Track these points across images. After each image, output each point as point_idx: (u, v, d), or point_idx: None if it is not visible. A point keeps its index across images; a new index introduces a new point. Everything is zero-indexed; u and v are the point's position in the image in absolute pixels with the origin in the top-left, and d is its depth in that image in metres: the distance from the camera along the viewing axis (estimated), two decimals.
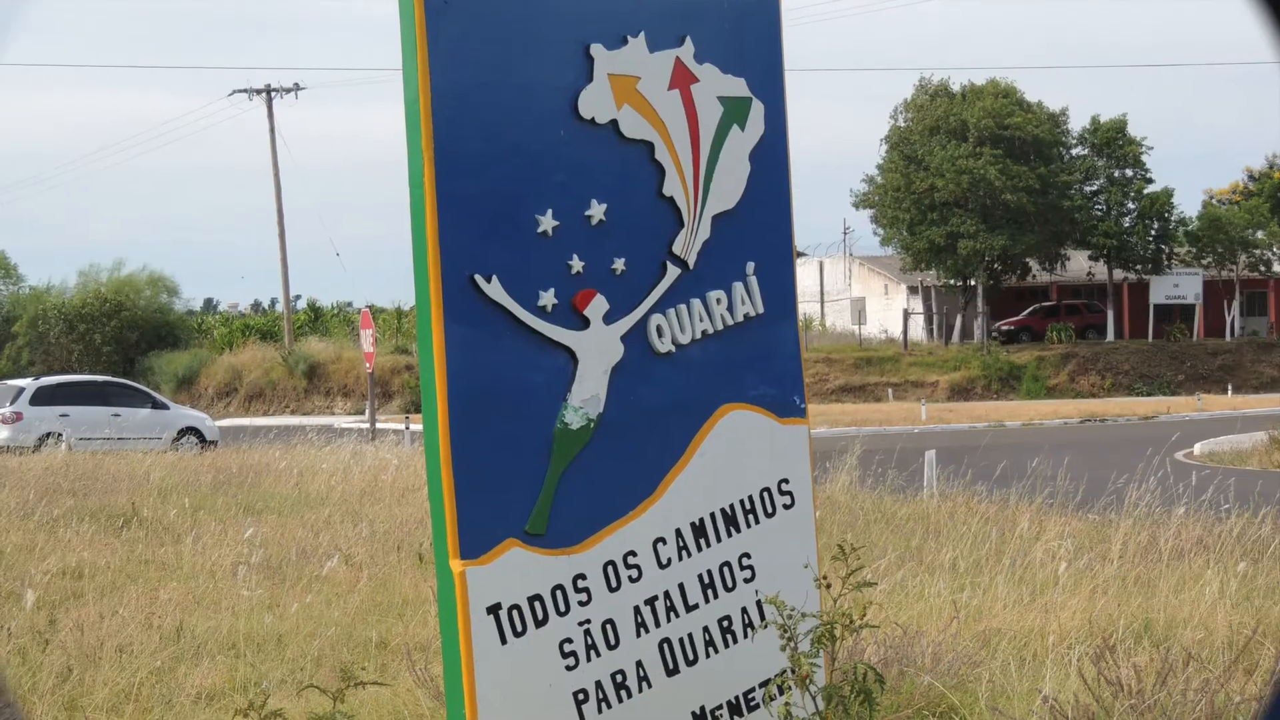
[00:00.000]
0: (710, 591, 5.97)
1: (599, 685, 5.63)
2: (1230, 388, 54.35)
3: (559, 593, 5.55)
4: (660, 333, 5.88)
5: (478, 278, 5.41)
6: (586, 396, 5.66)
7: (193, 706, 8.10)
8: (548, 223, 5.57)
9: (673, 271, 5.91)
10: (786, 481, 6.24)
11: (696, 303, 5.98)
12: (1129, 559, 11.34)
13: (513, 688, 5.42)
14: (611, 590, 5.68)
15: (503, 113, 5.48)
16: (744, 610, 6.05)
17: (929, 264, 59.29)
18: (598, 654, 5.63)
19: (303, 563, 12.68)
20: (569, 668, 5.56)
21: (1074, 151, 60.37)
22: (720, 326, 6.05)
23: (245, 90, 60.80)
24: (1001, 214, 56.26)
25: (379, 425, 38.37)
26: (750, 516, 6.12)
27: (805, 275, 67.70)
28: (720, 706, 5.99)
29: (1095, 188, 59.99)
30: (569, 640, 5.56)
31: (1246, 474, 20.72)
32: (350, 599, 10.99)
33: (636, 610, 5.75)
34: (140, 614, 10.26)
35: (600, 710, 5.63)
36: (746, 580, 6.06)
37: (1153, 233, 59.61)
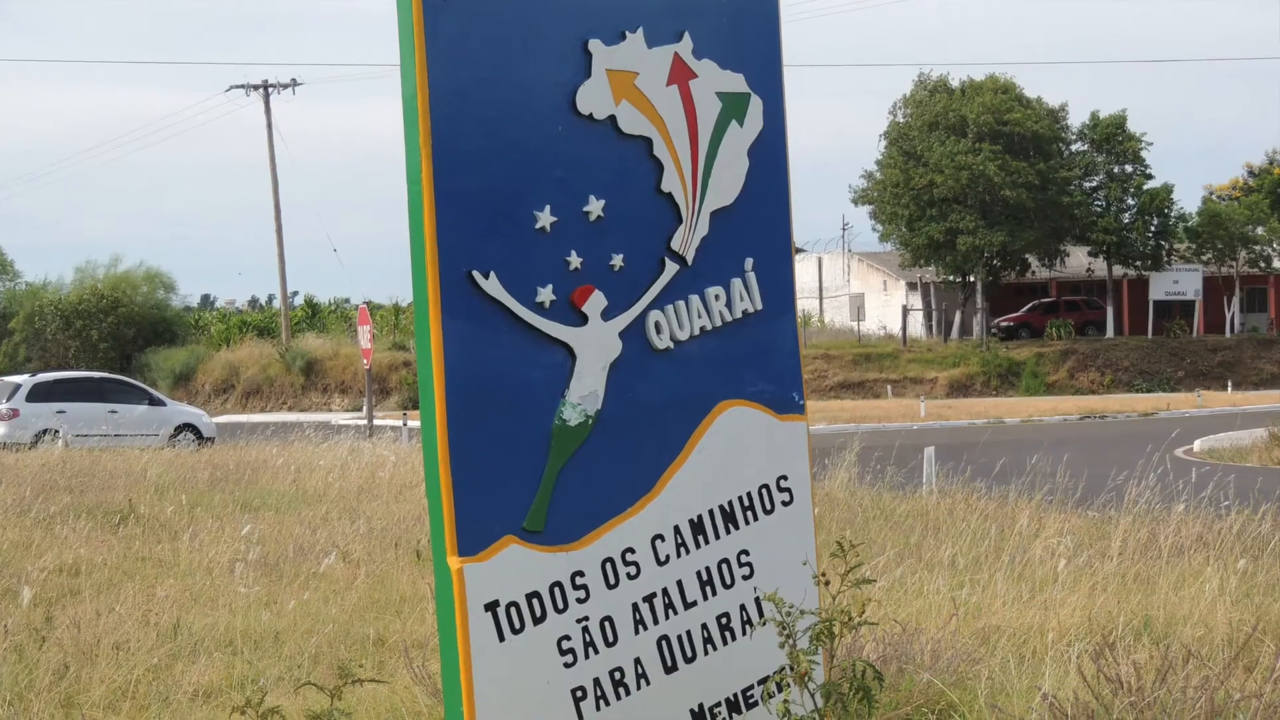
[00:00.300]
0: (709, 588, 5.95)
1: (597, 682, 5.62)
2: (1230, 384, 54.39)
3: (557, 590, 5.54)
4: (658, 329, 5.86)
5: (476, 274, 5.39)
6: (584, 393, 5.64)
7: (190, 704, 8.08)
8: (546, 219, 5.55)
9: (671, 268, 5.89)
10: (785, 478, 6.23)
11: (695, 299, 5.95)
12: (1128, 556, 11.32)
13: (511, 685, 5.40)
14: (610, 587, 5.67)
15: (501, 109, 5.46)
16: (742, 607, 6.03)
17: (928, 260, 59.27)
18: (596, 651, 5.62)
19: (300, 560, 12.66)
20: (567, 665, 5.55)
21: (1073, 147, 60.31)
22: (719, 323, 6.02)
23: (243, 86, 60.86)
24: (1001, 210, 56.24)
25: (376, 422, 38.39)
26: (749, 513, 6.10)
27: (804, 271, 67.72)
28: (719, 704, 5.97)
29: (1095, 184, 59.95)
30: (567, 637, 5.55)
31: (1246, 470, 20.73)
32: (348, 596, 10.98)
33: (635, 607, 5.73)
34: (137, 611, 10.24)
35: (599, 708, 5.61)
36: (745, 577, 6.05)
37: (1152, 229, 59.59)
